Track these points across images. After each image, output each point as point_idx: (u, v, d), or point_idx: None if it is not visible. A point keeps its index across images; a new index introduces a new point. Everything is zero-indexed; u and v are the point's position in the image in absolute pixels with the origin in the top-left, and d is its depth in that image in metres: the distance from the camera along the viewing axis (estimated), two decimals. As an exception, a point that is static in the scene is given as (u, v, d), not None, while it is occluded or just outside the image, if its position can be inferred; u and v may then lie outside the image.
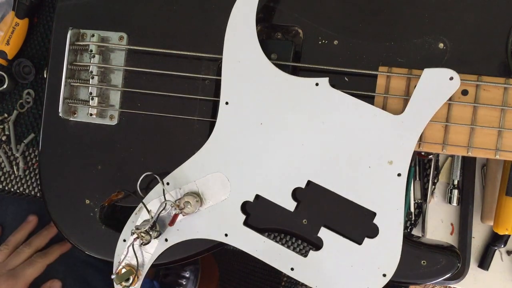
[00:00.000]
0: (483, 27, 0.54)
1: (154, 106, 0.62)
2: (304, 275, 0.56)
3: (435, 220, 0.73)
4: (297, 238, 0.63)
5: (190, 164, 0.59)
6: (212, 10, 0.60)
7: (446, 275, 0.55)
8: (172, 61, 0.61)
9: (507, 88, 0.53)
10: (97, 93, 0.63)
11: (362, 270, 0.55)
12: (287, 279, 0.85)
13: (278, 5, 0.59)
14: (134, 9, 0.62)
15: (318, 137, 0.55)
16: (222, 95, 0.57)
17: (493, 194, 0.69)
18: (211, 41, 0.60)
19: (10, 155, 0.77)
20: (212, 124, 0.59)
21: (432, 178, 0.72)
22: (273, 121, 0.56)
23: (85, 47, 0.62)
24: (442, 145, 0.54)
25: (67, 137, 0.64)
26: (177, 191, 0.59)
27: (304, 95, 0.55)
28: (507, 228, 0.66)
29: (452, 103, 0.54)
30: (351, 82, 0.57)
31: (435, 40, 0.55)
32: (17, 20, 0.71)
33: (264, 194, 0.57)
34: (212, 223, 0.58)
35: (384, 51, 0.56)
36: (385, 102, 0.55)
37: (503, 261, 0.72)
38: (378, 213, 0.54)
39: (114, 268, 0.60)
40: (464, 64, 0.54)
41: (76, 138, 0.64)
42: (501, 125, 0.53)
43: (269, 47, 0.58)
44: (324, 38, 0.57)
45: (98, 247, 0.63)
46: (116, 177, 0.63)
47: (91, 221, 0.63)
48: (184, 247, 0.60)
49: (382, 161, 0.53)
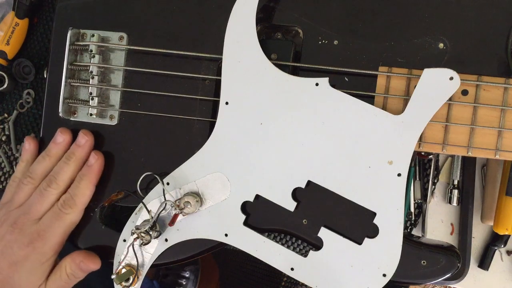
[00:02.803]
0: (483, 27, 0.54)
1: (154, 106, 0.62)
2: (304, 275, 0.56)
3: (435, 220, 0.73)
4: (297, 238, 0.63)
5: (190, 164, 0.59)
6: (212, 10, 0.60)
7: (446, 275, 0.55)
8: (172, 61, 0.61)
9: (507, 88, 0.53)
10: (97, 93, 0.63)
11: (362, 270, 0.55)
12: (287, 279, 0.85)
13: (278, 5, 0.59)
14: (134, 9, 0.62)
15: (318, 137, 0.55)
16: (222, 95, 0.57)
17: (493, 194, 0.69)
18: (211, 41, 0.60)
19: (10, 155, 0.77)
20: (212, 124, 0.59)
21: (432, 178, 0.72)
22: (273, 121, 0.56)
23: (85, 47, 0.62)
24: (442, 145, 0.54)
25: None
26: (177, 191, 0.59)
27: (304, 95, 0.55)
28: (507, 228, 0.66)
29: (452, 103, 0.54)
30: (351, 82, 0.57)
31: (435, 40, 0.55)
32: (17, 20, 0.71)
33: (264, 194, 0.57)
34: (212, 223, 0.58)
35: (384, 51, 0.56)
36: (385, 102, 0.55)
37: (503, 261, 0.72)
38: (378, 213, 0.54)
39: (114, 268, 0.60)
40: (464, 64, 0.54)
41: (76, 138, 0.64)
42: (501, 125, 0.53)
43: (269, 47, 0.58)
44: (324, 38, 0.57)
45: (98, 247, 0.63)
46: (116, 177, 0.63)
47: (91, 221, 0.63)
48: (184, 247, 0.60)
49: (382, 161, 0.53)
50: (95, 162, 0.61)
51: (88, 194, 0.61)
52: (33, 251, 0.58)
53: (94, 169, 0.61)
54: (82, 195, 0.60)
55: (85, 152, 0.61)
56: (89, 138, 0.61)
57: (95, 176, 0.61)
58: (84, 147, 0.61)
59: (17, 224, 0.59)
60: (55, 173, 0.60)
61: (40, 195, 0.60)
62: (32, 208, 0.60)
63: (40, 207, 0.60)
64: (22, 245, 0.58)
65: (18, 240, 0.59)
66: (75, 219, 0.61)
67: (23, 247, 0.58)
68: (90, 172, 0.60)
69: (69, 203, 0.60)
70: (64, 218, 0.59)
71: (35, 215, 0.59)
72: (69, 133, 0.62)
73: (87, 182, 0.60)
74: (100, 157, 0.61)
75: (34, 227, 0.59)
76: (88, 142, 0.61)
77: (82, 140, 0.61)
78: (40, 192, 0.60)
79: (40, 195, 0.60)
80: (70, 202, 0.60)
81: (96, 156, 0.61)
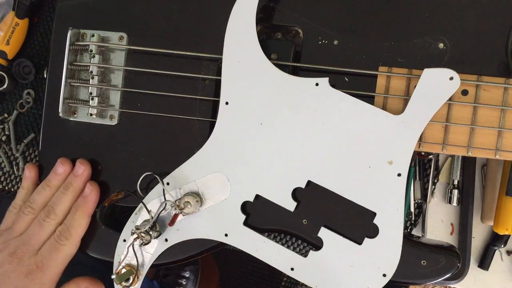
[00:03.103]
0: (483, 27, 0.54)
1: (154, 106, 0.62)
2: (304, 275, 0.56)
3: (435, 220, 0.73)
4: (297, 238, 0.63)
5: (190, 164, 0.59)
6: (212, 10, 0.60)
7: (446, 275, 0.55)
8: (172, 61, 0.61)
9: (507, 88, 0.53)
10: (97, 93, 0.63)
11: (362, 270, 0.55)
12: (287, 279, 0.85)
13: (278, 5, 0.59)
14: (134, 9, 0.62)
15: (318, 137, 0.55)
16: (222, 95, 0.57)
17: (493, 194, 0.69)
18: (211, 41, 0.60)
19: (10, 155, 0.77)
20: (212, 124, 0.59)
21: (432, 178, 0.72)
22: (273, 121, 0.56)
23: (85, 47, 0.62)
24: (442, 145, 0.54)
25: (67, 137, 0.64)
26: (177, 191, 0.59)
27: (304, 95, 0.55)
28: (507, 228, 0.66)
29: (452, 103, 0.54)
30: (351, 82, 0.57)
31: (435, 40, 0.55)
32: (17, 20, 0.71)
33: (264, 194, 0.57)
34: (212, 223, 0.58)
35: (384, 51, 0.56)
36: (385, 102, 0.55)
37: (503, 261, 0.72)
38: (378, 213, 0.54)
39: (114, 268, 0.60)
40: (464, 64, 0.54)
41: (76, 138, 0.64)
42: (501, 125, 0.53)
43: (269, 47, 0.58)
44: (324, 38, 0.57)
45: (98, 247, 0.63)
46: (116, 177, 0.63)
47: (91, 221, 0.63)
48: (184, 247, 0.60)
49: (382, 161, 0.53)
50: (90, 193, 0.61)
51: (84, 225, 0.61)
52: (31, 282, 0.59)
53: (89, 200, 0.61)
54: (77, 226, 0.61)
55: (82, 181, 0.62)
56: (86, 168, 0.62)
57: (91, 207, 0.61)
58: (82, 176, 0.62)
59: (16, 254, 0.60)
60: (53, 204, 0.61)
61: (39, 225, 0.61)
62: (32, 238, 0.60)
63: (39, 237, 0.60)
64: (21, 275, 0.59)
65: (16, 270, 0.59)
66: (71, 251, 0.61)
67: (22, 278, 0.59)
68: (85, 203, 0.61)
69: (65, 234, 0.60)
70: (61, 250, 0.60)
71: (35, 246, 0.60)
72: (69, 163, 0.63)
73: (82, 213, 0.61)
74: (95, 187, 0.62)
75: (33, 258, 0.60)
76: (86, 172, 0.62)
77: (79, 170, 0.62)
78: (39, 222, 0.61)
79: (39, 225, 0.61)
80: (66, 234, 0.60)
81: (91, 187, 0.61)
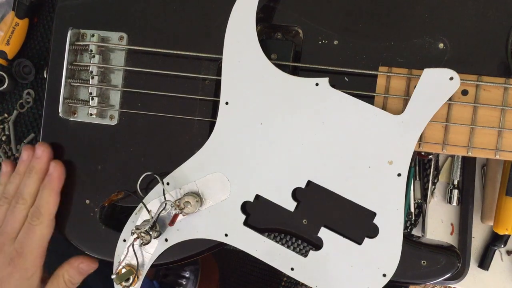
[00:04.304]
0: (483, 27, 0.54)
1: (154, 106, 0.62)
2: (304, 275, 0.56)
3: (435, 220, 0.73)
4: (297, 238, 0.63)
5: (190, 164, 0.59)
6: (212, 10, 0.60)
7: (446, 275, 0.55)
8: (172, 61, 0.61)
9: (507, 88, 0.53)
10: (97, 93, 0.63)
11: (362, 270, 0.55)
12: (287, 279, 0.85)
13: (278, 5, 0.59)
14: (134, 9, 0.62)
15: (318, 137, 0.55)
16: (222, 95, 0.57)
17: (493, 194, 0.69)
18: (211, 41, 0.60)
19: (10, 155, 0.77)
20: (212, 124, 0.59)
21: (432, 178, 0.72)
22: (273, 121, 0.56)
23: (85, 47, 0.62)
24: (442, 145, 0.54)
25: (67, 137, 0.64)
26: (177, 191, 0.59)
27: (304, 95, 0.55)
28: (507, 228, 0.66)
29: (452, 103, 0.54)
30: (351, 82, 0.57)
31: (435, 40, 0.55)
32: (17, 20, 0.71)
33: (264, 194, 0.57)
34: (212, 223, 0.58)
35: (384, 51, 0.56)
36: (385, 102, 0.55)
37: (503, 261, 0.72)
38: (378, 213, 0.54)
39: (114, 268, 0.60)
40: (464, 64, 0.54)
41: (76, 138, 0.64)
42: (501, 125, 0.53)
43: (269, 47, 0.58)
44: (324, 38, 0.57)
45: (98, 247, 0.63)
46: (116, 177, 0.63)
47: (91, 221, 0.63)
48: (184, 247, 0.60)
49: (382, 161, 0.53)
50: (54, 171, 0.62)
51: (52, 203, 0.61)
52: (14, 268, 0.60)
53: (54, 178, 0.62)
54: (46, 204, 0.61)
55: (44, 162, 0.62)
56: (45, 148, 0.62)
57: (57, 184, 0.62)
58: (42, 158, 0.62)
59: None
60: (20, 189, 0.62)
61: (11, 213, 0.62)
62: (8, 227, 0.61)
63: (14, 224, 0.61)
64: (4, 265, 0.60)
65: None
66: (45, 230, 0.61)
67: (6, 267, 0.60)
68: (50, 181, 0.62)
69: (36, 214, 0.61)
70: (35, 230, 0.61)
71: (11, 234, 0.61)
72: (32, 148, 0.63)
73: (49, 190, 0.61)
74: (58, 164, 0.62)
75: (12, 246, 0.61)
76: (45, 152, 0.62)
77: (38, 151, 0.62)
78: (11, 210, 0.62)
79: (11, 213, 0.61)
80: (36, 214, 0.61)
81: (54, 164, 0.62)
